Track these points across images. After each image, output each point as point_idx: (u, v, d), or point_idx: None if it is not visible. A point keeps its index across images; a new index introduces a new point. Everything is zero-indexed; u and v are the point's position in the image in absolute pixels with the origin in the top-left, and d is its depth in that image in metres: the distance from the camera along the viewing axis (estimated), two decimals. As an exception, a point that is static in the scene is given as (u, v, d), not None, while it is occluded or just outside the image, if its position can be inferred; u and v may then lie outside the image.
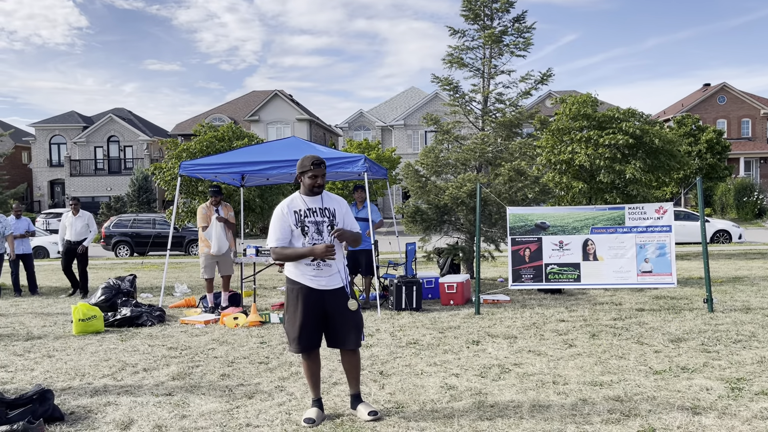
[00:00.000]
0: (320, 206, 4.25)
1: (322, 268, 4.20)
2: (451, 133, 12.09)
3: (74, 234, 11.01)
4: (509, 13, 11.73)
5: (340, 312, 4.23)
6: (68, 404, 4.70)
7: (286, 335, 4.31)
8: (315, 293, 4.19)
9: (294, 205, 4.23)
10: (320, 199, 4.27)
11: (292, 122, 42.88)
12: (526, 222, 8.73)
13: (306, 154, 4.40)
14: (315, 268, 4.20)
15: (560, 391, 4.77)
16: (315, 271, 4.20)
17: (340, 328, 4.25)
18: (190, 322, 8.04)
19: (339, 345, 4.30)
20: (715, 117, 42.56)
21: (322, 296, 4.20)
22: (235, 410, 4.50)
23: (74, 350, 6.59)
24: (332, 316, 4.24)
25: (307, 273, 4.20)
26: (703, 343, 6.25)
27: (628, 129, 14.23)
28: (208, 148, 16.03)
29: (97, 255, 23.59)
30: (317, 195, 4.26)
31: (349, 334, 4.26)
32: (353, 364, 4.36)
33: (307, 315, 4.18)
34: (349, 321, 4.25)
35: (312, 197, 4.25)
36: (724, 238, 21.91)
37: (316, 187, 4.20)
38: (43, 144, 44.51)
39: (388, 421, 4.19)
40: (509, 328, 7.31)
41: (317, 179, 4.20)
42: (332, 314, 4.23)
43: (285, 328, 4.30)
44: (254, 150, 9.97)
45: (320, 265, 4.19)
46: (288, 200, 4.26)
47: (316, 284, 4.19)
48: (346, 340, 4.27)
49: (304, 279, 4.21)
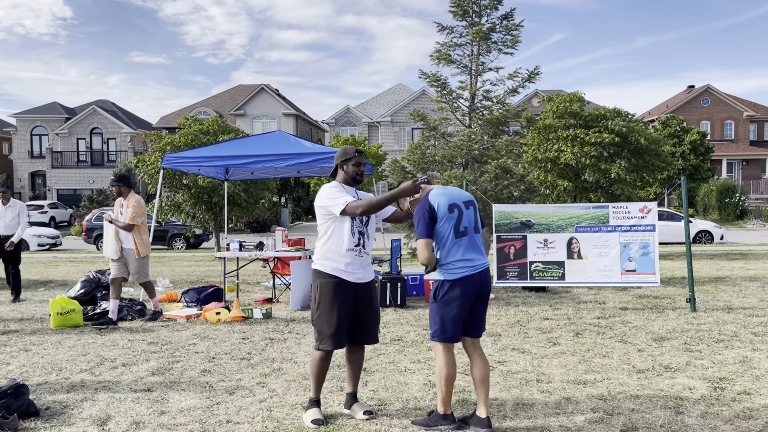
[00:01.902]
0: (358, 198, 4.18)
1: (362, 255, 4.10)
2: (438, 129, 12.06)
3: (3, 227, 9.39)
4: (497, 11, 11.75)
5: (370, 307, 4.17)
6: (44, 399, 4.60)
7: (316, 332, 4.10)
8: (350, 287, 4.09)
9: (342, 189, 4.09)
10: (355, 192, 4.21)
11: (279, 117, 42.62)
12: (511, 220, 8.72)
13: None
14: (356, 255, 4.07)
15: (544, 390, 4.75)
16: (356, 259, 4.06)
17: (368, 324, 4.18)
18: (171, 317, 7.93)
19: (364, 340, 4.20)
20: (699, 118, 42.97)
21: (357, 289, 4.12)
22: (215, 407, 4.42)
23: (51, 344, 6.46)
24: (362, 311, 4.15)
25: (342, 266, 4.06)
26: (686, 343, 6.28)
27: (614, 127, 14.31)
28: (193, 141, 15.86)
29: (78, 248, 23.29)
30: (357, 185, 4.21)
31: (374, 329, 4.22)
32: (360, 361, 4.29)
33: (344, 310, 4.07)
34: (376, 315, 4.21)
35: (350, 188, 4.17)
36: (706, 238, 22.12)
37: (359, 174, 4.14)
38: (24, 135, 43.86)
39: (371, 419, 4.14)
40: (493, 325, 7.29)
41: (361, 167, 4.16)
42: (363, 309, 4.15)
43: (316, 324, 4.10)
44: (239, 143, 9.86)
45: (361, 252, 4.10)
46: (333, 184, 4.10)
47: (353, 277, 4.09)
48: (371, 335, 4.20)
49: (341, 273, 4.08)
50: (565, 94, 15.91)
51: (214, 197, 15.96)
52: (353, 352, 4.26)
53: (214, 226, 16.87)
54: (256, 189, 17.32)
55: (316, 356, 4.15)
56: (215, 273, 13.51)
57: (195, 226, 18.44)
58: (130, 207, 7.63)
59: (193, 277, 12.70)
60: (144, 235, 7.75)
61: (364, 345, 4.25)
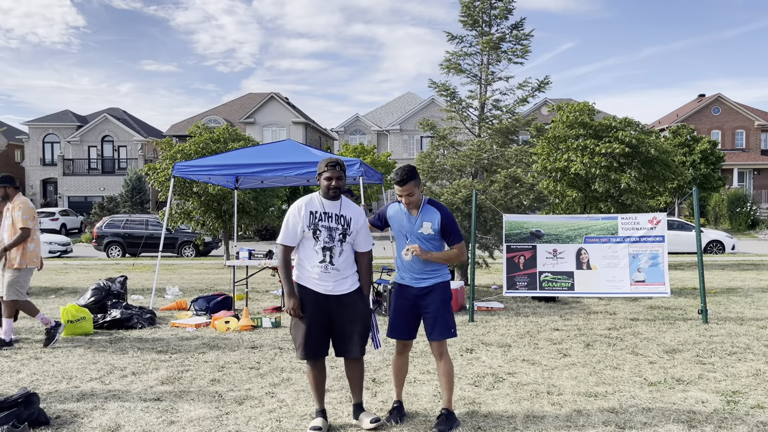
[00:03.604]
0: (337, 212, 4.11)
1: (329, 271, 4.05)
2: (448, 138, 12.06)
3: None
4: (507, 20, 11.73)
5: (345, 319, 4.09)
6: (54, 408, 4.61)
7: (293, 341, 4.17)
8: (321, 298, 4.06)
9: (312, 205, 4.09)
10: (339, 205, 4.13)
11: (288, 125, 42.79)
12: (521, 230, 8.69)
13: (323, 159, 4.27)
14: (322, 271, 4.04)
15: (554, 402, 4.71)
16: (321, 275, 4.05)
17: (344, 336, 4.12)
18: (180, 325, 7.95)
19: (344, 353, 4.16)
20: (710, 128, 42.75)
21: (329, 301, 4.07)
22: (224, 416, 4.42)
23: (62, 352, 6.49)
24: (337, 324, 4.11)
25: (313, 276, 4.07)
26: (698, 355, 6.22)
27: (625, 138, 14.25)
28: (203, 149, 15.94)
29: (88, 255, 23.42)
30: (335, 199, 4.13)
31: (354, 343, 4.13)
32: (357, 372, 4.24)
33: (314, 321, 4.04)
34: (354, 328, 4.12)
35: (331, 201, 4.12)
36: (718, 248, 21.95)
37: (332, 189, 4.06)
38: (36, 143, 44.25)
39: (378, 426, 4.12)
40: (503, 336, 7.26)
41: (332, 181, 4.06)
42: (337, 321, 4.10)
43: (291, 333, 4.16)
44: (249, 152, 9.90)
45: (328, 268, 4.05)
46: (307, 198, 4.12)
47: (323, 289, 4.06)
48: (350, 349, 4.14)
49: (309, 282, 4.08)
50: (575, 104, 15.89)
51: (224, 205, 16.02)
52: (347, 364, 4.25)
53: (224, 234, 16.93)
54: (266, 197, 17.37)
55: (306, 368, 4.21)
56: (224, 281, 13.54)
57: (204, 234, 18.51)
58: (17, 209, 6.68)
59: (203, 285, 12.73)
60: (30, 244, 6.70)
61: (352, 357, 4.18)
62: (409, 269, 4.25)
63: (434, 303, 4.21)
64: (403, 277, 4.29)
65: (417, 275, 4.24)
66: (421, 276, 4.24)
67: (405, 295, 4.27)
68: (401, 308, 4.28)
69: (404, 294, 4.27)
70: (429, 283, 4.24)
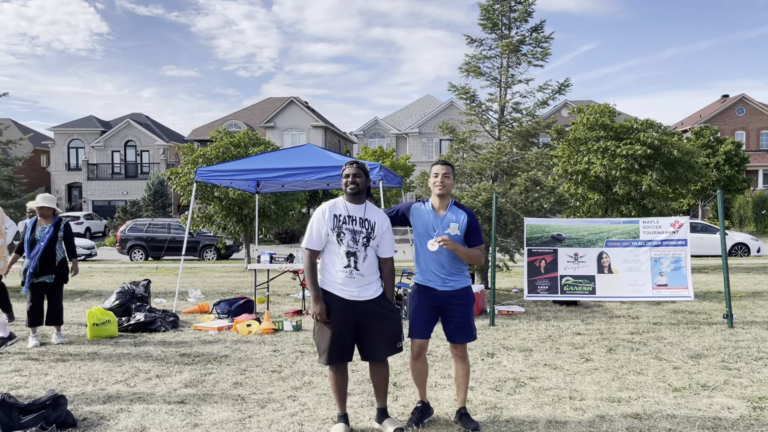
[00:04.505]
0: (361, 216, 4.13)
1: (354, 276, 4.05)
2: (467, 141, 12.04)
3: None
4: (527, 23, 11.69)
5: (372, 324, 4.09)
6: (81, 410, 4.69)
7: (316, 346, 4.19)
8: (345, 303, 4.06)
9: (335, 209, 4.13)
10: (363, 209, 4.15)
11: (308, 129, 43.01)
12: (542, 233, 8.65)
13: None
14: (347, 276, 4.05)
15: (577, 407, 4.68)
16: (345, 280, 4.06)
17: (371, 341, 4.12)
18: (203, 329, 8.03)
19: (371, 357, 4.16)
20: (734, 129, 42.11)
21: (354, 307, 4.07)
22: (247, 420, 4.46)
23: (88, 355, 6.60)
24: (363, 329, 4.11)
25: (337, 281, 4.08)
26: (724, 360, 6.13)
27: (646, 139, 14.10)
28: (224, 153, 16.10)
29: (112, 259, 23.76)
30: (358, 201, 4.15)
31: (381, 346, 4.13)
32: (382, 377, 4.23)
33: (338, 326, 4.05)
34: (381, 333, 4.11)
35: (355, 205, 4.14)
36: (743, 251, 21.59)
37: (349, 185, 4.10)
38: (61, 148, 45.01)
39: (402, 435, 4.13)
40: (524, 340, 7.22)
41: (349, 177, 4.11)
42: (363, 326, 4.10)
43: (315, 338, 4.16)
44: (270, 157, 9.99)
45: (352, 273, 4.05)
46: (331, 202, 4.15)
47: (347, 295, 4.06)
48: (376, 353, 4.14)
49: (334, 288, 4.09)
50: (595, 106, 15.75)
51: (245, 209, 16.15)
52: (372, 368, 4.24)
53: (245, 238, 17.07)
54: (286, 201, 17.48)
55: (328, 372, 4.22)
56: (245, 284, 13.65)
57: (226, 238, 18.67)
58: None
59: (224, 288, 12.85)
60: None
61: (379, 361, 4.19)
62: (436, 270, 4.23)
63: (461, 307, 4.24)
64: (427, 278, 4.28)
65: (443, 276, 4.23)
66: (447, 277, 4.23)
67: (428, 296, 4.26)
68: (423, 309, 4.27)
69: (427, 295, 4.26)
70: (454, 286, 4.25)
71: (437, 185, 4.25)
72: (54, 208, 7.38)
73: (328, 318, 4.06)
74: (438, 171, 4.26)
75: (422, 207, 4.35)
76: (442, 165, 4.28)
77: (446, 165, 4.28)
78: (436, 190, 4.26)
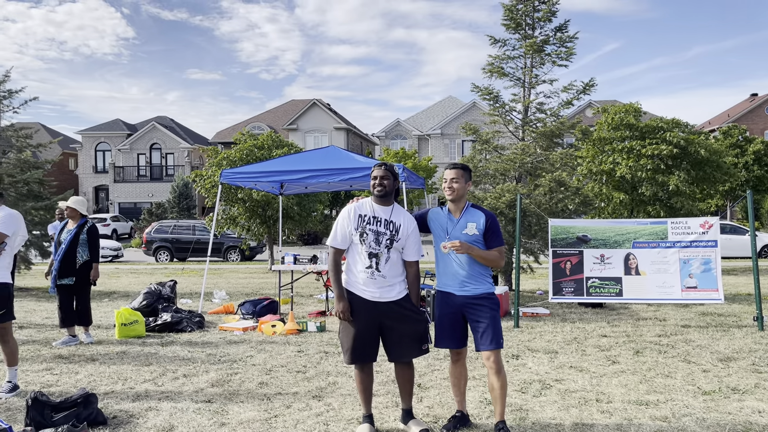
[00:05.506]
0: (387, 218, 4.12)
1: (375, 278, 4.06)
2: (491, 142, 11.99)
3: None
4: (551, 23, 11.62)
5: (396, 325, 4.09)
6: (111, 408, 4.77)
7: (341, 345, 4.21)
8: (369, 304, 4.07)
9: (361, 209, 4.15)
10: (389, 211, 4.16)
11: (330, 131, 43.19)
12: (567, 234, 8.58)
13: None
14: (368, 277, 4.06)
15: (604, 410, 4.63)
16: (366, 281, 4.07)
17: (396, 342, 4.12)
18: (228, 329, 8.11)
19: (398, 358, 4.17)
20: (763, 128, 41.27)
21: (377, 308, 4.08)
22: (273, 419, 4.50)
23: (116, 354, 6.71)
24: (388, 329, 4.11)
25: (359, 282, 4.09)
26: (754, 363, 6.02)
27: (672, 139, 13.91)
28: (248, 156, 16.26)
29: (138, 260, 24.11)
30: (385, 203, 4.15)
31: (406, 347, 4.13)
32: (407, 378, 4.23)
33: (362, 326, 4.07)
34: (406, 334, 4.11)
35: (382, 207, 4.15)
36: (773, 252, 21.15)
37: (377, 187, 4.11)
38: (89, 151, 45.81)
39: (427, 436, 4.13)
40: (549, 342, 7.17)
41: (377, 179, 4.11)
42: (388, 327, 4.10)
43: (340, 337, 4.19)
44: (293, 159, 10.06)
45: (374, 274, 4.06)
46: (359, 202, 4.18)
47: (369, 296, 4.07)
48: (402, 353, 4.14)
49: (356, 288, 4.10)
50: (620, 105, 15.58)
51: (268, 210, 16.28)
52: (397, 369, 4.24)
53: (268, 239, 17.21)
54: (309, 202, 17.59)
55: (353, 372, 4.22)
56: (269, 285, 13.75)
57: (250, 239, 18.86)
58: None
59: (248, 289, 12.96)
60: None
61: (405, 361, 4.19)
62: (454, 273, 4.19)
63: (486, 314, 4.14)
64: (446, 284, 4.24)
65: (461, 279, 4.17)
66: (465, 280, 4.17)
67: (450, 303, 4.22)
68: (446, 317, 4.24)
69: (448, 302, 4.23)
70: (473, 291, 4.17)
71: (446, 190, 4.27)
72: (77, 209, 7.36)
73: (351, 317, 4.07)
74: (447, 176, 4.25)
75: (440, 211, 4.34)
76: (452, 169, 4.24)
77: (456, 169, 4.23)
78: (446, 195, 4.28)
